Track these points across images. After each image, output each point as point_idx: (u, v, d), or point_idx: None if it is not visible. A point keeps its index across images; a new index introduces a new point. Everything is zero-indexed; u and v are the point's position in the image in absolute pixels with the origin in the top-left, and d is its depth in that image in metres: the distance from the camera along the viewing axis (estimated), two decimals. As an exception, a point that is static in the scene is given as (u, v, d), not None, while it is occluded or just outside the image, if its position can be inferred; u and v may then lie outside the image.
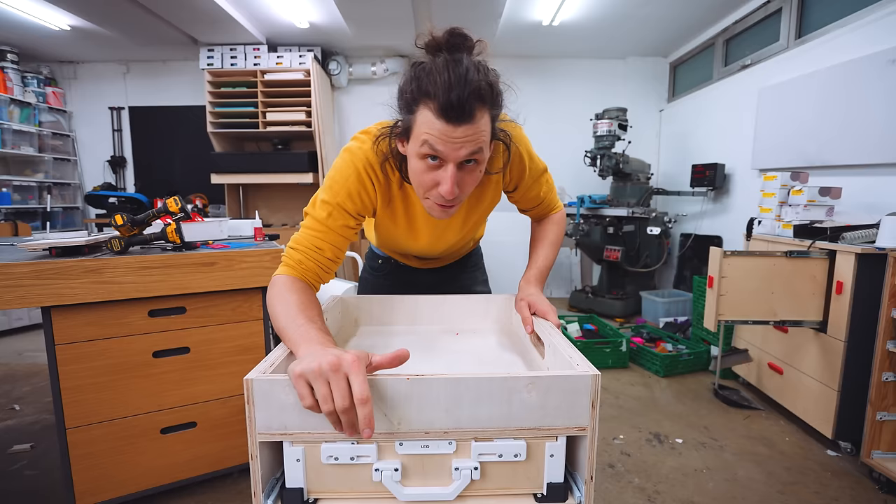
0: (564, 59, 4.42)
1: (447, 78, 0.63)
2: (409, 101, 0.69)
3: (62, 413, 1.32)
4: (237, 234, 2.04)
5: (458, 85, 0.63)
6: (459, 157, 0.69)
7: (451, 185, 0.70)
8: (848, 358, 1.81)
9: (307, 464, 0.53)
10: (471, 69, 0.65)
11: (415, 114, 0.69)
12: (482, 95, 0.66)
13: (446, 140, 0.66)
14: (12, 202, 3.88)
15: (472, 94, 0.64)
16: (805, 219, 2.09)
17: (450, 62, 0.65)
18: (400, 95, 0.72)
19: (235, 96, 3.98)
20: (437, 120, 0.65)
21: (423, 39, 0.69)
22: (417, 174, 0.74)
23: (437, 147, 0.67)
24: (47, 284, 1.24)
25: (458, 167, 0.70)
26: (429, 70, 0.66)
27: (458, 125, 0.65)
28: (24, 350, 3.12)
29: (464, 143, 0.67)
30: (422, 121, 0.67)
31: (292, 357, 0.62)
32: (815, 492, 1.63)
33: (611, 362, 2.80)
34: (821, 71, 2.47)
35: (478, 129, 0.67)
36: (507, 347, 0.87)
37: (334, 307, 0.94)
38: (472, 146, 0.68)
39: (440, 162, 0.70)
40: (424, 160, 0.71)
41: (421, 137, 0.68)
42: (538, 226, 1.06)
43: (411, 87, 0.68)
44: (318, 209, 0.81)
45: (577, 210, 3.80)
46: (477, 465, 0.54)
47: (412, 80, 0.68)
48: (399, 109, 0.73)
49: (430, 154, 0.69)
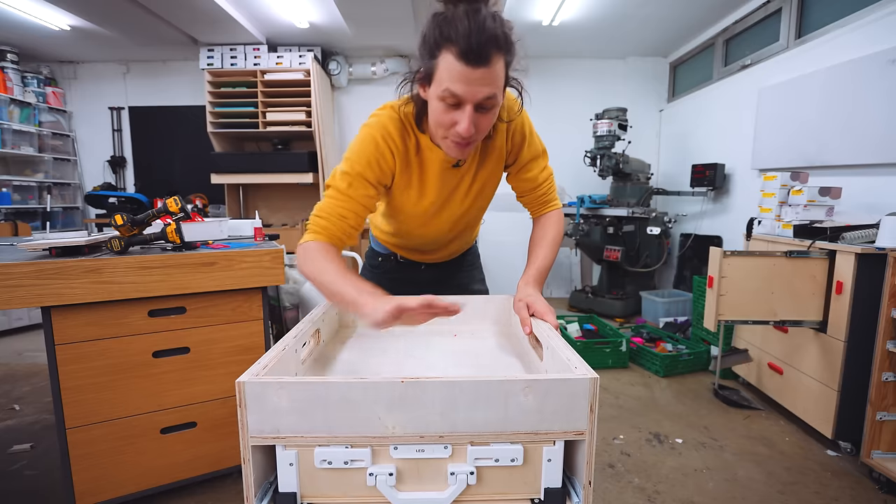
0: (564, 59, 4.41)
1: (467, 25, 0.69)
2: (432, 46, 0.74)
3: (62, 413, 1.33)
4: (237, 234, 2.04)
5: (476, 31, 0.69)
6: (477, 98, 0.74)
7: (468, 124, 0.76)
8: (848, 358, 1.80)
9: (300, 468, 0.53)
10: (488, 18, 0.71)
11: (437, 58, 0.74)
12: (498, 42, 0.72)
13: (466, 81, 0.72)
14: (12, 202, 3.88)
15: (490, 40, 0.70)
16: (805, 219, 2.09)
17: (469, 11, 0.71)
18: (422, 42, 0.77)
19: (235, 96, 3.98)
20: (457, 62, 0.71)
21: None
22: (438, 114, 0.79)
23: (456, 89, 0.73)
24: (47, 284, 1.24)
25: (475, 108, 0.76)
26: (450, 18, 0.71)
27: (476, 67, 0.71)
28: (24, 350, 3.13)
29: (481, 85, 0.73)
30: (443, 65, 0.73)
31: (289, 358, 0.62)
32: (815, 492, 1.63)
33: (611, 362, 2.79)
34: (821, 71, 2.47)
35: (494, 72, 0.73)
36: (505, 349, 0.87)
37: (332, 307, 0.94)
38: (489, 89, 0.74)
39: (459, 103, 0.76)
40: (444, 101, 0.76)
41: (442, 79, 0.74)
42: (538, 225, 1.06)
43: (434, 33, 0.73)
44: (338, 180, 0.87)
45: (577, 210, 3.79)
46: (473, 469, 0.54)
47: (434, 27, 0.73)
48: (420, 57, 0.79)
49: (451, 95, 0.74)
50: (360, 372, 0.76)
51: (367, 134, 0.88)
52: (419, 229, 1.06)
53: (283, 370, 0.61)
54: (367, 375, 0.52)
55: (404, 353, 0.85)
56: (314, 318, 0.81)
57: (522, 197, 1.06)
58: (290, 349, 0.65)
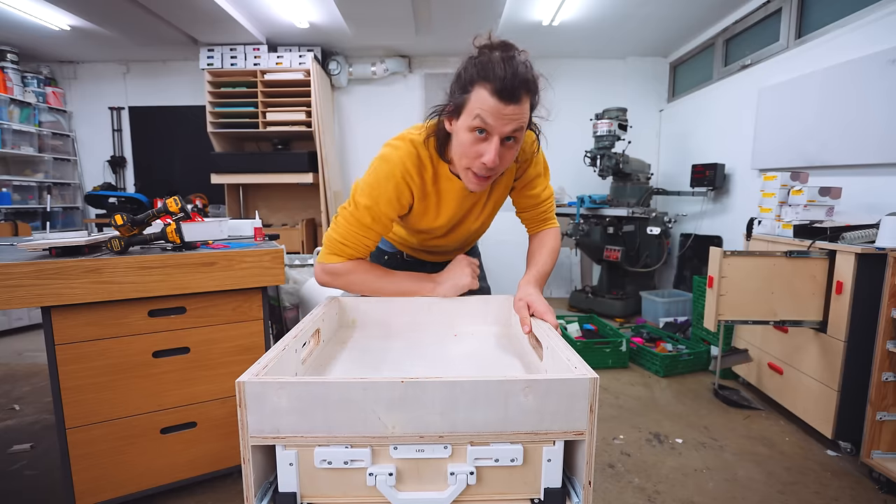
0: (564, 59, 4.41)
1: (503, 67, 0.78)
2: (466, 82, 0.82)
3: (62, 413, 1.32)
4: (237, 234, 2.04)
5: (511, 72, 0.78)
6: (504, 132, 0.82)
7: (494, 154, 0.82)
8: (848, 358, 1.80)
9: (300, 468, 0.53)
10: (520, 64, 0.80)
11: (470, 93, 0.82)
12: (528, 85, 0.81)
13: (497, 115, 0.80)
14: (12, 202, 3.88)
15: (522, 82, 0.79)
16: (805, 219, 2.09)
17: (505, 57, 0.79)
18: (457, 79, 0.85)
19: (235, 96, 3.98)
20: (491, 97, 0.79)
21: (480, 41, 0.84)
22: (465, 146, 0.85)
23: (487, 120, 0.80)
24: (47, 284, 1.24)
25: (501, 142, 0.83)
26: (486, 61, 0.80)
27: (507, 104, 0.79)
28: (24, 350, 3.13)
29: (509, 119, 0.80)
30: (476, 99, 0.81)
31: (289, 358, 0.62)
32: (815, 492, 1.63)
33: (611, 362, 2.79)
34: (821, 71, 2.46)
35: (522, 110, 0.81)
36: (505, 349, 0.87)
37: (332, 307, 0.94)
38: (515, 124, 0.82)
39: (487, 135, 0.83)
40: (473, 132, 0.83)
41: (474, 112, 0.81)
42: (535, 239, 1.12)
43: (471, 72, 0.81)
44: (362, 213, 0.94)
45: (577, 210, 3.79)
46: (473, 469, 0.54)
47: (471, 66, 0.82)
48: (451, 93, 0.86)
49: (481, 126, 0.81)
50: (359, 372, 0.76)
51: (388, 172, 0.93)
52: (432, 241, 1.12)
53: (283, 370, 0.61)
54: (367, 375, 0.52)
55: (404, 352, 0.85)
56: (314, 318, 0.81)
57: (523, 213, 1.13)
58: (290, 349, 0.65)
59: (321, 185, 4.00)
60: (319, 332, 0.85)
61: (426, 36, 3.90)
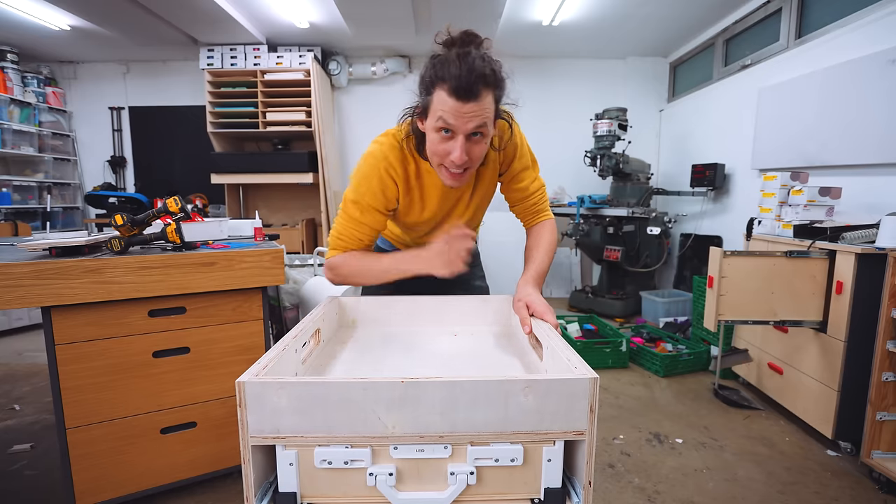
0: (564, 59, 4.41)
1: (458, 65, 0.78)
2: (428, 84, 0.84)
3: (62, 413, 1.32)
4: (237, 234, 2.04)
5: (467, 70, 0.77)
6: (467, 130, 0.82)
7: (460, 152, 0.84)
8: (848, 358, 1.80)
9: (300, 468, 0.53)
10: (477, 59, 0.79)
11: (432, 94, 0.83)
12: (486, 79, 0.80)
13: (457, 115, 0.80)
14: (12, 202, 3.88)
15: (478, 77, 0.78)
16: (805, 219, 2.09)
17: (460, 53, 0.79)
18: (420, 81, 0.87)
19: (235, 96, 3.97)
20: (449, 98, 0.80)
21: (441, 37, 0.84)
22: (433, 145, 0.87)
23: (449, 121, 0.81)
24: (47, 284, 1.24)
25: (466, 138, 0.84)
26: (443, 60, 0.80)
27: (465, 102, 0.79)
28: (24, 350, 3.13)
29: (471, 117, 0.81)
30: (437, 100, 0.82)
31: (289, 358, 0.62)
32: (815, 492, 1.63)
33: (611, 362, 2.79)
34: (821, 71, 2.46)
35: (482, 106, 0.81)
36: (505, 349, 0.87)
37: (332, 307, 0.94)
38: (478, 120, 0.82)
39: (452, 134, 0.84)
40: (439, 132, 0.85)
41: (437, 113, 0.82)
42: (532, 234, 1.12)
43: (430, 73, 0.83)
44: (351, 208, 0.98)
45: (577, 210, 3.79)
46: (473, 469, 0.54)
47: (430, 67, 0.83)
48: (419, 94, 0.88)
49: (444, 127, 0.83)
50: (360, 372, 0.76)
51: (372, 165, 0.96)
52: (424, 237, 1.14)
53: (283, 370, 0.61)
54: (367, 375, 0.52)
55: (404, 352, 0.85)
56: (314, 318, 0.81)
57: (515, 207, 1.13)
58: (290, 349, 0.65)
59: (321, 185, 4.00)
60: (319, 332, 0.85)
61: (426, 36, 3.89)
